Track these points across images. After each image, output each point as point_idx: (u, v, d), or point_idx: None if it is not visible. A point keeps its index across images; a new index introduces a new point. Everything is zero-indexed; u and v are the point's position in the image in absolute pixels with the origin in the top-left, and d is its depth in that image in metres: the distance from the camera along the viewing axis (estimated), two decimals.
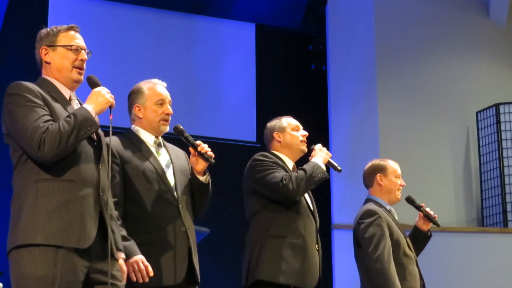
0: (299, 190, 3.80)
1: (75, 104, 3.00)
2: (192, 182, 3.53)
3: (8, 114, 2.85)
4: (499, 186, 7.56)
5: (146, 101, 3.55)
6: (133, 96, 3.59)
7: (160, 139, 3.60)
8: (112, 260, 2.87)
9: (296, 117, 4.29)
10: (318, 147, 4.03)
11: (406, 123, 7.81)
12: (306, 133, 4.14)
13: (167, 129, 3.59)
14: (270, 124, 4.19)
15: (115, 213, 3.11)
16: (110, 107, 2.94)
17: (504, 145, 7.64)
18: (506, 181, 7.55)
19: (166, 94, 3.59)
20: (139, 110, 3.56)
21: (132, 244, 3.21)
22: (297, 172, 3.88)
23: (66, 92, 3.00)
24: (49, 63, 3.02)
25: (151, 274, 3.19)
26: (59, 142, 2.74)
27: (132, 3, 8.35)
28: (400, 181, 4.47)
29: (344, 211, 7.54)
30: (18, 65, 7.76)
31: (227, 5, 8.69)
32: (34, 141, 2.74)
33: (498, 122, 7.69)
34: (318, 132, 8.43)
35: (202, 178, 3.51)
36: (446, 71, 8.09)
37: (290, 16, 8.90)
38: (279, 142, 4.10)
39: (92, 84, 3.00)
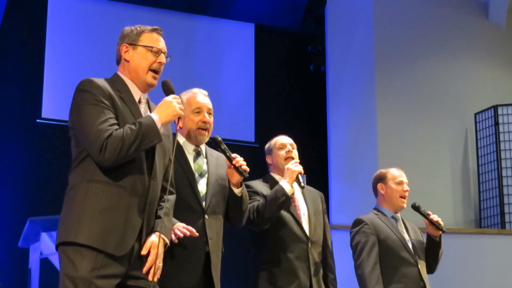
0: (261, 220, 3.84)
1: (143, 108, 3.02)
2: (229, 193, 3.58)
3: (75, 110, 2.87)
4: (497, 187, 7.57)
5: (184, 110, 3.54)
6: None
7: (202, 148, 3.64)
8: (143, 271, 2.89)
9: (294, 117, 4.29)
10: (287, 166, 3.98)
11: (405, 124, 7.82)
12: (290, 148, 4.12)
13: (205, 139, 3.62)
14: (265, 148, 4.25)
15: (166, 207, 3.07)
16: (179, 118, 2.97)
17: (502, 147, 7.65)
18: (504, 182, 7.56)
19: (204, 102, 3.63)
20: (180, 120, 3.60)
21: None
22: (260, 200, 3.89)
23: (137, 94, 3.02)
24: (128, 61, 3.04)
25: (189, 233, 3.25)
26: (120, 149, 2.76)
27: (131, 2, 8.35)
28: (402, 188, 4.48)
29: (342, 212, 7.55)
30: (17, 63, 7.77)
31: (226, 5, 8.70)
32: (96, 144, 2.76)
33: (497, 123, 7.70)
34: (317, 133, 8.46)
35: (236, 191, 3.55)
36: (444, 72, 8.10)
37: (289, 16, 8.91)
38: (271, 164, 4.18)
39: (166, 89, 3.01)
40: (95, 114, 2.81)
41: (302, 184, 3.93)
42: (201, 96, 3.66)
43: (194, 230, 3.29)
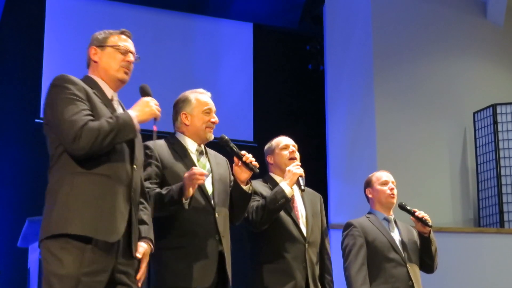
0: (260, 221, 3.87)
1: (116, 105, 3.06)
2: (234, 191, 3.60)
3: (49, 104, 2.90)
4: (495, 186, 7.56)
5: (193, 109, 3.65)
6: (180, 105, 3.69)
7: (203, 147, 3.68)
8: (133, 261, 2.91)
9: (293, 116, 4.31)
10: (288, 168, 4.00)
11: (403, 123, 7.82)
12: (293, 149, 4.15)
13: (212, 137, 3.67)
14: (265, 148, 4.27)
15: (148, 215, 3.12)
16: (155, 118, 3.00)
17: (501, 146, 7.65)
18: (503, 181, 7.56)
19: (212, 103, 3.71)
20: (186, 117, 3.65)
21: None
22: (260, 200, 3.92)
23: (109, 92, 3.06)
24: (96, 62, 3.09)
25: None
26: (95, 140, 2.78)
27: (129, 2, 8.35)
28: (388, 187, 4.52)
29: (340, 211, 7.55)
30: (16, 63, 7.77)
31: (224, 4, 8.70)
32: (71, 133, 2.78)
33: (495, 122, 7.70)
34: (316, 132, 8.46)
35: (245, 188, 3.58)
36: (443, 71, 8.10)
37: (288, 16, 8.91)
38: (272, 164, 4.20)
39: (144, 93, 3.06)
40: (70, 106, 2.83)
41: (302, 187, 3.94)
42: (208, 97, 3.74)
43: (204, 171, 3.33)
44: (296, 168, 3.95)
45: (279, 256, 3.91)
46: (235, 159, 3.55)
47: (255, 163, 3.53)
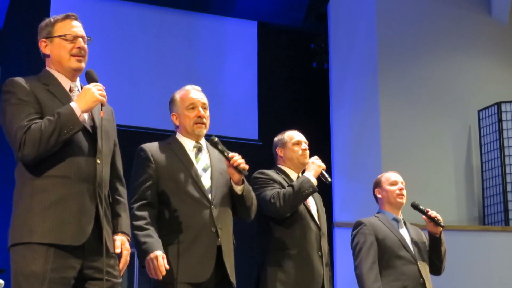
0: (286, 207, 3.91)
1: (76, 96, 2.95)
2: (232, 190, 3.60)
3: (1, 112, 2.87)
4: (500, 184, 7.56)
5: (179, 108, 3.65)
6: (169, 106, 3.71)
7: (202, 143, 3.66)
8: (107, 257, 2.85)
9: (297, 115, 4.33)
10: (311, 160, 4.11)
11: (408, 121, 7.81)
12: (305, 146, 4.22)
13: (204, 131, 3.65)
14: (275, 139, 4.31)
15: (124, 203, 3.09)
16: (102, 104, 2.87)
17: (505, 144, 7.64)
18: (508, 179, 7.55)
19: (197, 98, 3.66)
20: (176, 118, 3.67)
21: (154, 242, 3.32)
22: (286, 188, 3.97)
23: (67, 83, 2.97)
24: (48, 56, 3.01)
25: (163, 272, 3.27)
26: (40, 142, 2.71)
27: (134, 0, 8.35)
28: (397, 187, 4.54)
29: (345, 209, 7.55)
30: (21, 61, 7.78)
31: (229, 3, 8.71)
32: (16, 142, 2.75)
33: (500, 120, 7.70)
34: (320, 130, 8.45)
35: (238, 188, 3.56)
36: (448, 69, 8.09)
37: (292, 14, 8.91)
38: (281, 157, 4.24)
39: (89, 79, 2.94)
40: (16, 113, 2.79)
41: (329, 179, 4.05)
42: (194, 92, 3.69)
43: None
44: (320, 161, 4.05)
45: (297, 244, 3.95)
46: (225, 161, 3.53)
47: (243, 165, 3.49)
